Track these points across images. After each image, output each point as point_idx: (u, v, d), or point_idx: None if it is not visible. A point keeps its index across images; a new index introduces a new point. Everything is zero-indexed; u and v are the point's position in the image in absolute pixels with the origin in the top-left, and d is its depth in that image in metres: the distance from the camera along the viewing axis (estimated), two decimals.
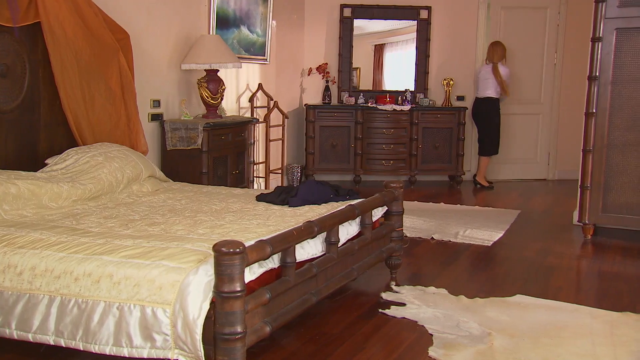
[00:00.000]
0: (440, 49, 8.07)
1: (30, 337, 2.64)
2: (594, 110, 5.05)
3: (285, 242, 2.69)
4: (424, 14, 7.97)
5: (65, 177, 3.76)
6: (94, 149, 4.09)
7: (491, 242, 4.95)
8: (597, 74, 5.02)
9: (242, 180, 5.67)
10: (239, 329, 2.35)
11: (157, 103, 5.27)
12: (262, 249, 2.51)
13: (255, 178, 6.25)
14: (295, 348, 2.96)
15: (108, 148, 4.18)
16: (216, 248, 2.30)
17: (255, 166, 6.24)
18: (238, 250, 2.31)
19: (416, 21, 7.98)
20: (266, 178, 6.70)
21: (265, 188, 6.68)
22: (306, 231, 2.86)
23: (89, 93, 4.33)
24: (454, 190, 7.57)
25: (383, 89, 8.17)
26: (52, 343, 2.61)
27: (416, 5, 7.92)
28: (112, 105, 4.51)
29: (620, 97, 4.98)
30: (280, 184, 7.04)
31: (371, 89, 8.12)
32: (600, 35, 4.98)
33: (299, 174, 7.50)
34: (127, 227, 3.09)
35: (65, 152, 4.06)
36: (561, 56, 8.15)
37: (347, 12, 7.92)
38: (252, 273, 2.56)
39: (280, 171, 7.04)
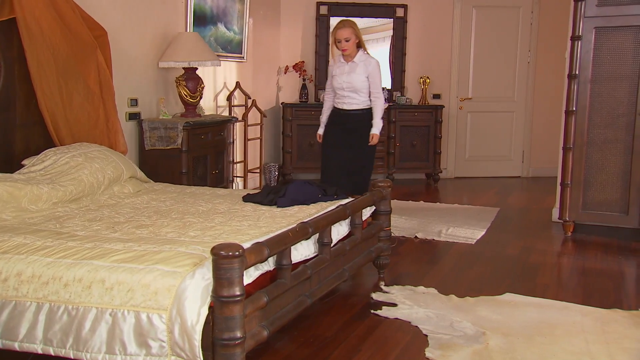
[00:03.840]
0: (416, 47, 8.08)
1: (16, 346, 2.53)
2: (574, 108, 5.10)
3: (281, 244, 2.63)
4: (400, 12, 7.98)
5: (45, 179, 3.64)
6: (73, 149, 3.97)
7: (474, 240, 4.96)
8: (577, 72, 5.06)
9: (221, 180, 5.58)
10: (238, 334, 2.29)
11: (134, 102, 5.14)
12: (260, 252, 2.45)
13: (234, 178, 6.17)
14: (290, 351, 2.90)
15: (87, 148, 4.06)
16: (215, 251, 2.24)
17: (234, 165, 6.15)
18: (237, 253, 2.25)
19: (392, 19, 7.98)
20: (244, 177, 6.62)
21: (244, 188, 6.60)
22: (301, 232, 2.81)
23: (67, 91, 4.20)
24: (431, 188, 7.59)
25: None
26: (40, 352, 2.51)
27: (392, 4, 7.92)
28: (90, 104, 4.39)
29: (599, 95, 5.03)
30: (258, 184, 6.97)
31: None
32: (580, 33, 5.02)
33: (277, 173, 7.44)
34: (114, 230, 3.00)
35: (43, 152, 3.93)
36: (534, 54, 8.24)
37: (324, 9, 7.88)
38: (248, 276, 2.50)
39: (258, 170, 6.96)
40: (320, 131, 5.08)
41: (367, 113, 4.84)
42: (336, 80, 4.84)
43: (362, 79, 4.77)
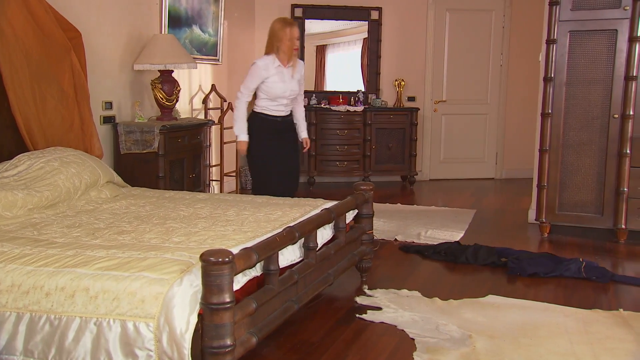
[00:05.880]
0: (391, 49, 8.11)
1: None
2: (550, 111, 5.15)
3: (269, 249, 2.59)
4: (374, 15, 8.00)
5: (19, 184, 3.53)
6: (48, 154, 3.87)
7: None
8: (552, 75, 5.11)
9: (198, 183, 5.51)
10: (228, 341, 2.25)
11: (109, 105, 5.05)
12: (248, 257, 2.41)
13: (210, 181, 6.09)
14: (277, 358, 2.87)
15: (63, 153, 3.97)
16: (204, 258, 2.19)
17: (210, 169, 6.08)
18: (227, 259, 2.20)
19: (367, 22, 8.00)
20: (221, 181, 6.56)
21: (221, 191, 6.53)
22: (288, 237, 2.77)
23: (40, 94, 4.10)
24: (407, 190, 7.62)
25: (324, 89, 8.11)
26: None
27: (367, 6, 7.94)
28: (64, 107, 4.29)
29: (574, 98, 5.09)
30: (234, 187, 6.89)
31: (313, 89, 8.05)
32: (555, 37, 5.08)
33: None
34: (94, 236, 2.93)
35: (17, 157, 3.83)
36: (507, 58, 8.33)
37: (298, 12, 7.86)
38: (236, 282, 2.45)
39: (234, 174, 6.89)
40: (245, 138, 4.55)
41: (292, 115, 4.71)
42: (279, 88, 4.47)
43: (299, 85, 4.61)
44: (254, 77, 4.49)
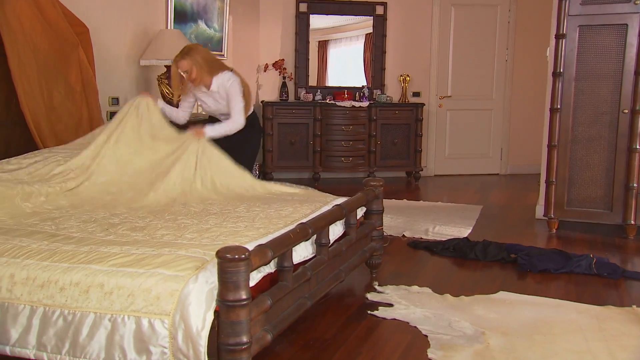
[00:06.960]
0: (396, 45, 8.08)
1: (7, 350, 2.44)
2: (559, 106, 5.13)
3: (283, 246, 2.58)
4: (379, 10, 7.97)
5: (34, 179, 3.52)
6: (66, 150, 3.87)
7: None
8: (561, 70, 5.09)
9: None
10: (244, 339, 2.23)
11: (115, 100, 5.03)
12: (264, 254, 2.39)
13: None
14: (291, 355, 2.85)
15: None
16: (221, 254, 2.17)
17: None
18: (244, 256, 2.18)
19: (372, 17, 7.97)
20: None
21: None
22: (302, 233, 2.75)
23: (48, 90, 4.09)
24: (412, 186, 7.60)
25: (326, 85, 8.07)
26: (32, 357, 2.41)
27: (372, 1, 7.91)
28: (72, 103, 4.27)
29: (583, 93, 5.07)
30: None
31: (316, 85, 8.01)
32: (564, 32, 5.05)
33: (257, 172, 7.36)
34: (108, 232, 2.90)
35: (39, 151, 3.84)
36: (512, 53, 8.30)
37: (303, 7, 7.83)
38: (251, 279, 2.43)
39: None
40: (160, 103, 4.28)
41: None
42: (205, 105, 4.47)
43: (224, 104, 4.35)
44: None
